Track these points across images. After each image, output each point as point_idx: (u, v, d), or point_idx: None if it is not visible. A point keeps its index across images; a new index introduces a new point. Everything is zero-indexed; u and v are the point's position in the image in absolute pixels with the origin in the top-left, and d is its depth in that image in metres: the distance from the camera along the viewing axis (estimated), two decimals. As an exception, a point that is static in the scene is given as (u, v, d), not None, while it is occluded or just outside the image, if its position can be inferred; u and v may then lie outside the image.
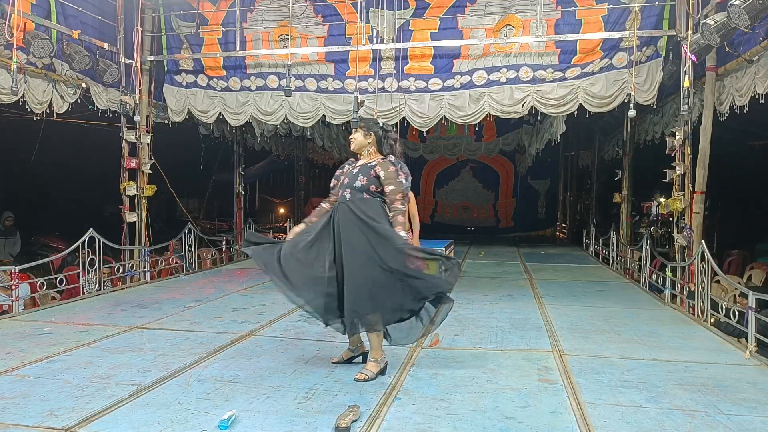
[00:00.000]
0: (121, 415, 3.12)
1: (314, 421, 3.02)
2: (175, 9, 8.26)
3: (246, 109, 8.35)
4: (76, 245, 6.78)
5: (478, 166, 17.35)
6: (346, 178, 3.85)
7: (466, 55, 7.59)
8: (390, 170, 3.76)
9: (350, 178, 3.82)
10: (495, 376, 3.82)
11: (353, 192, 3.77)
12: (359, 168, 3.85)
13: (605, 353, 4.40)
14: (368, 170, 3.79)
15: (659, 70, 7.17)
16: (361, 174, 3.79)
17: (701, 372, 3.94)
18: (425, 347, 4.54)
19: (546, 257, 11.07)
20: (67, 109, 7.27)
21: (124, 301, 6.43)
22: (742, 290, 5.42)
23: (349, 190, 3.78)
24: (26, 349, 4.36)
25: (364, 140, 3.90)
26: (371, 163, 3.84)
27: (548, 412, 3.20)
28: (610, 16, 7.16)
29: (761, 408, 3.29)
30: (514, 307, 6.13)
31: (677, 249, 6.95)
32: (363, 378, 3.66)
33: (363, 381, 3.64)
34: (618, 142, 11.36)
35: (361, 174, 3.78)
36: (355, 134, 3.93)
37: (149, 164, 8.40)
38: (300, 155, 15.10)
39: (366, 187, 3.74)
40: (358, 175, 3.79)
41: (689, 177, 6.75)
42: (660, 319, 5.67)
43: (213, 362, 4.09)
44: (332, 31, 7.91)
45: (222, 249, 10.40)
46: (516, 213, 17.43)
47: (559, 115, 8.44)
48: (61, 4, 7.02)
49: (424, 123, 7.93)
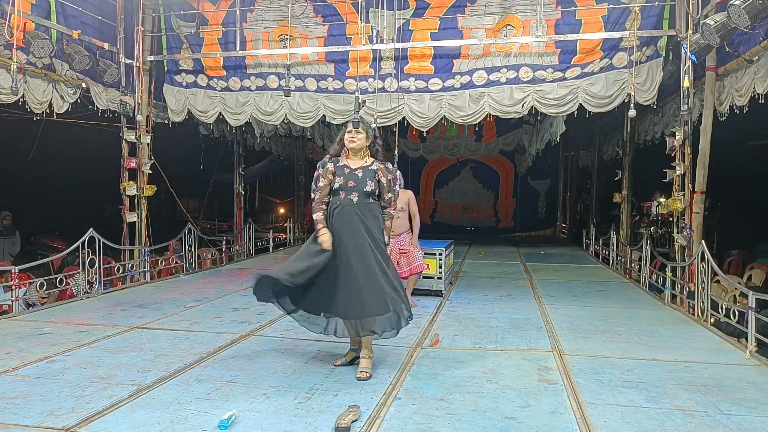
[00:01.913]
0: (121, 415, 3.12)
1: (314, 421, 3.02)
2: (175, 9, 8.26)
3: (246, 109, 8.35)
4: (76, 245, 6.78)
5: (478, 166, 17.35)
6: (351, 181, 3.85)
7: (466, 55, 7.59)
8: (390, 178, 3.94)
9: (356, 181, 3.85)
10: (495, 376, 3.82)
11: (362, 196, 3.83)
12: (362, 171, 3.88)
13: (605, 353, 4.40)
14: (372, 174, 3.88)
15: (659, 70, 7.17)
16: (368, 178, 3.86)
17: (701, 372, 3.94)
18: (425, 347, 4.54)
19: (546, 257, 11.07)
20: (67, 109, 7.26)
21: (124, 301, 6.42)
22: (742, 290, 5.42)
23: (357, 194, 3.83)
24: (26, 349, 4.36)
25: (365, 143, 3.95)
26: (372, 167, 3.90)
27: (548, 412, 3.20)
28: (610, 16, 7.16)
29: (761, 408, 3.29)
30: (514, 307, 6.13)
31: (677, 249, 6.95)
32: (366, 376, 3.69)
33: (367, 379, 3.68)
34: (618, 142, 11.36)
35: (369, 178, 3.86)
36: (358, 135, 3.93)
37: (149, 164, 8.40)
38: (300, 155, 15.10)
39: (373, 192, 3.86)
40: (366, 179, 3.85)
41: (689, 177, 6.75)
42: (660, 319, 5.67)
43: (213, 362, 4.09)
44: (332, 31, 7.91)
45: (222, 249, 10.40)
46: (516, 213, 17.44)
47: (559, 115, 8.44)
48: (61, 4, 7.02)
49: (424, 123, 7.93)
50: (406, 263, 6.09)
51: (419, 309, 5.95)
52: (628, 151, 10.52)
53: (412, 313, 3.93)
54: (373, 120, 7.68)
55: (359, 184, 3.84)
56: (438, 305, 6.20)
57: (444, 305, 6.25)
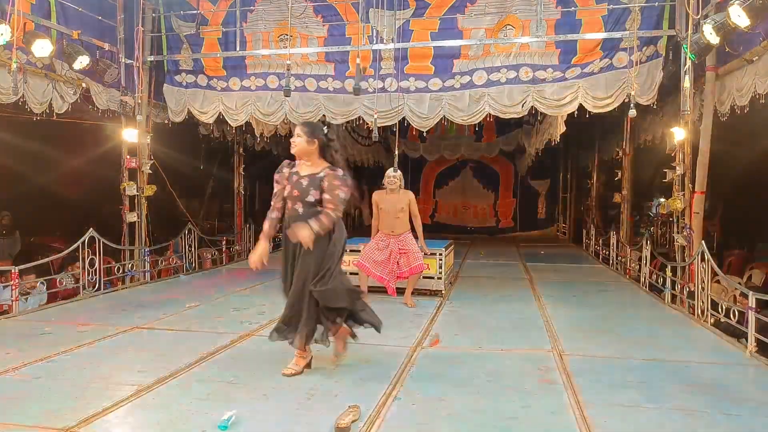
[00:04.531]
0: (121, 415, 3.12)
1: (314, 421, 3.02)
2: (175, 9, 8.26)
3: (246, 109, 8.34)
4: (76, 245, 6.78)
5: (478, 166, 17.37)
6: (296, 189, 3.63)
7: (466, 55, 7.59)
8: (334, 183, 3.59)
9: (300, 190, 3.61)
10: (495, 376, 3.82)
11: (306, 207, 3.60)
12: (308, 180, 3.63)
13: (605, 353, 4.40)
14: (318, 183, 3.60)
15: (659, 70, 7.16)
16: (312, 188, 3.59)
17: (701, 372, 3.94)
18: (425, 347, 4.54)
19: (546, 257, 11.07)
20: (67, 109, 7.26)
21: (124, 301, 6.43)
22: (742, 290, 5.41)
23: (301, 204, 3.61)
24: (26, 349, 4.35)
25: (308, 147, 3.65)
26: (319, 174, 3.62)
27: (548, 412, 3.20)
28: (610, 16, 7.16)
29: (761, 408, 3.28)
30: (514, 307, 6.13)
31: (677, 249, 6.95)
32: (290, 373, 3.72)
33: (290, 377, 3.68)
34: (618, 142, 11.36)
35: (312, 188, 3.59)
36: (296, 138, 3.64)
37: (149, 164, 8.40)
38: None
39: (319, 201, 3.59)
40: (310, 188, 3.60)
41: (689, 177, 6.75)
42: (660, 319, 5.67)
43: (213, 362, 4.09)
44: (332, 31, 7.90)
45: (222, 249, 10.39)
46: (516, 213, 17.45)
47: (559, 115, 8.44)
48: (61, 4, 7.01)
49: (424, 123, 7.93)
50: (406, 263, 6.10)
51: (419, 309, 5.95)
52: (628, 151, 10.52)
53: (327, 337, 3.77)
54: (372, 120, 7.68)
55: (302, 194, 3.60)
56: (438, 305, 6.20)
57: (444, 305, 6.25)
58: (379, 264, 6.08)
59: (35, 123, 7.12)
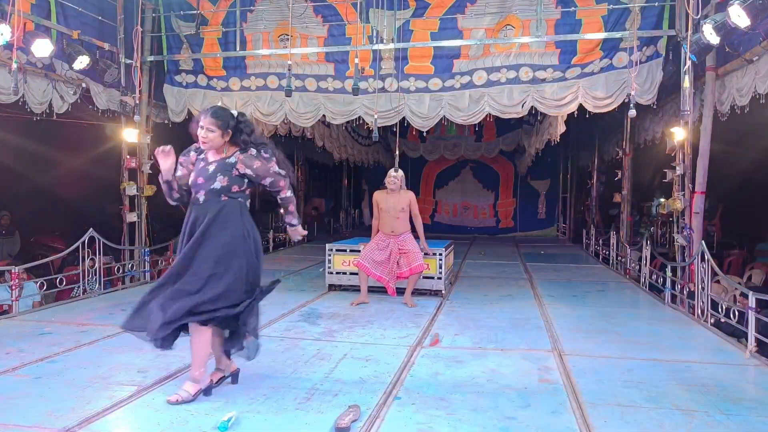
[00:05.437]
0: (121, 415, 3.12)
1: (314, 421, 3.02)
2: (175, 9, 8.26)
3: (246, 109, 8.33)
4: (76, 245, 6.78)
5: (478, 166, 17.37)
6: (200, 176, 3.26)
7: (466, 55, 7.59)
8: (257, 165, 3.26)
9: (206, 177, 3.24)
10: (495, 376, 3.82)
11: (210, 194, 3.22)
12: (216, 164, 3.26)
13: (605, 353, 4.40)
14: (229, 168, 3.24)
15: (659, 70, 7.17)
16: (220, 173, 3.22)
17: (701, 372, 3.94)
18: (425, 347, 4.54)
19: (546, 257, 11.07)
20: (67, 109, 7.26)
21: (124, 301, 6.41)
22: (742, 290, 5.41)
23: (204, 192, 3.23)
24: (26, 349, 4.35)
25: (221, 140, 3.26)
26: (230, 160, 3.26)
27: (548, 412, 3.20)
28: (610, 16, 7.16)
29: (761, 408, 3.29)
30: (514, 307, 6.13)
31: (677, 249, 6.95)
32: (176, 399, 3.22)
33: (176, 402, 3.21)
34: (618, 142, 11.36)
35: (221, 173, 3.22)
36: (208, 134, 3.22)
37: (149, 164, 8.39)
38: (300, 155, 15.11)
39: (227, 188, 3.22)
40: (217, 174, 3.22)
41: (689, 177, 6.75)
42: (660, 319, 5.67)
43: (213, 362, 4.08)
44: (332, 31, 7.90)
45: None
46: (516, 213, 17.45)
47: (559, 115, 8.44)
48: (61, 4, 7.01)
49: (424, 123, 7.93)
50: (406, 263, 6.10)
51: (419, 309, 5.95)
52: (628, 151, 10.52)
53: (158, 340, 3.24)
54: (372, 120, 7.69)
55: (207, 180, 3.22)
56: (438, 305, 6.20)
57: (444, 305, 6.25)
58: (379, 264, 6.08)
59: (35, 123, 7.12)
